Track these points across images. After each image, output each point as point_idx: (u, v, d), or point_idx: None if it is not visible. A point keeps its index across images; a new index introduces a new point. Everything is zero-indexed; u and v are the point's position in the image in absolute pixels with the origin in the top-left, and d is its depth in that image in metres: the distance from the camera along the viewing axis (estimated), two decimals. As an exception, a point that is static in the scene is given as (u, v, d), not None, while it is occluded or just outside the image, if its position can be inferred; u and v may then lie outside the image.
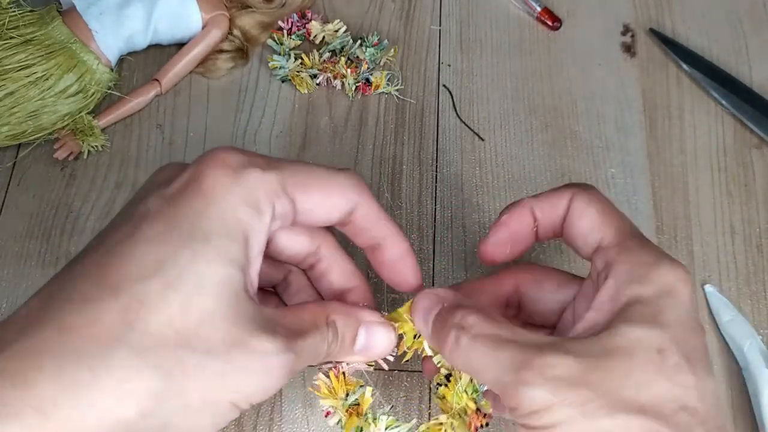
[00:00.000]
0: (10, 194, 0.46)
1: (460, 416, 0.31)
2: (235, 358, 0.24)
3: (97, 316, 0.23)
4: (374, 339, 0.30)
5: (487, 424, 0.31)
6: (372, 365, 0.33)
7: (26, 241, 0.44)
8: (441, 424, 0.32)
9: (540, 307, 0.31)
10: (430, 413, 0.39)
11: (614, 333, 0.25)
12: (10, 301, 0.42)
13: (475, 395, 0.31)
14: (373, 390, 0.33)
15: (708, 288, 0.42)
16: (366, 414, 0.33)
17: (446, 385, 0.32)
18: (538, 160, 0.47)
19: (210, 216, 0.25)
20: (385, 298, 0.41)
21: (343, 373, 0.33)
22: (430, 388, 0.39)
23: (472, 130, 0.48)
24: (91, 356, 0.22)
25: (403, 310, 0.31)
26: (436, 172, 0.46)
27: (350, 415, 0.33)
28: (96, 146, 0.47)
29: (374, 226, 0.30)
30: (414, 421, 0.36)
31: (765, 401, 0.38)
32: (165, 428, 0.23)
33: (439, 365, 0.32)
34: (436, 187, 0.46)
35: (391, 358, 0.32)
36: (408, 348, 0.31)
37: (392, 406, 0.38)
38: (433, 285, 0.42)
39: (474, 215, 0.45)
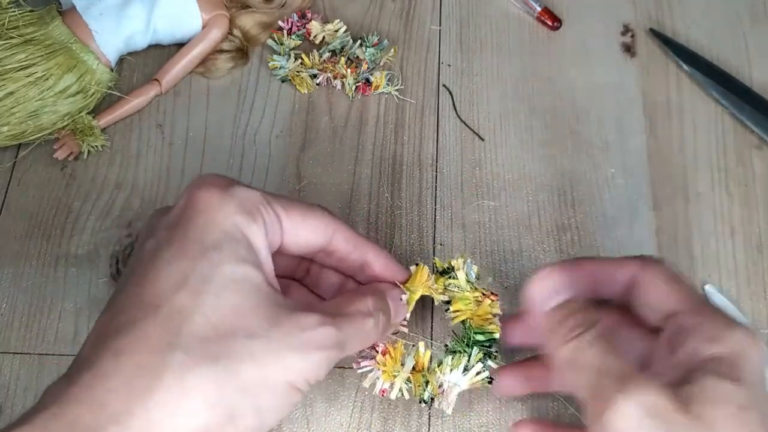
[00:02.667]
0: (10, 194, 0.46)
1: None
2: (276, 337, 0.27)
3: (145, 333, 0.26)
4: (398, 310, 0.34)
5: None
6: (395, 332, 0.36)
7: (26, 241, 0.44)
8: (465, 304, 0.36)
9: (644, 311, 0.31)
10: (444, 345, 0.39)
11: (698, 383, 0.26)
12: (10, 301, 0.42)
13: (476, 289, 0.36)
14: (425, 344, 0.36)
15: (708, 288, 0.42)
16: (426, 369, 0.36)
17: (449, 302, 0.36)
18: (538, 160, 0.47)
19: (213, 229, 0.28)
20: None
21: (387, 346, 0.36)
22: (447, 344, 0.39)
23: (472, 130, 0.48)
24: (150, 365, 0.25)
25: (416, 281, 0.35)
26: (436, 172, 0.46)
27: (413, 375, 0.36)
28: (96, 146, 0.47)
29: (356, 246, 0.33)
30: (476, 362, 0.36)
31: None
32: (233, 417, 0.26)
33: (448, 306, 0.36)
34: (436, 187, 0.46)
35: (406, 321, 0.36)
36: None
37: (445, 345, 0.38)
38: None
39: (474, 215, 0.45)
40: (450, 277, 0.36)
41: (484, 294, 0.36)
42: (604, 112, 0.48)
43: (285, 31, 0.50)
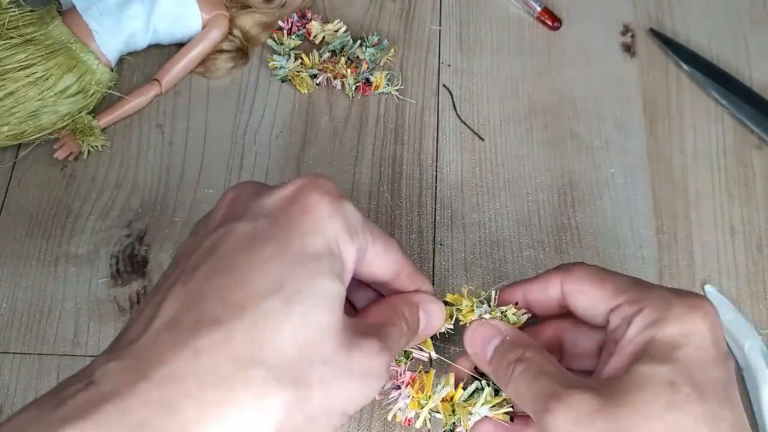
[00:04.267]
0: (10, 194, 0.46)
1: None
2: (346, 364, 0.26)
3: (229, 336, 0.24)
4: (432, 315, 0.33)
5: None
6: (427, 352, 0.36)
7: (26, 241, 0.44)
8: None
9: (578, 350, 0.33)
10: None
11: (630, 372, 0.27)
12: (10, 301, 0.42)
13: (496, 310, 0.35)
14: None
15: (708, 288, 0.42)
16: (456, 401, 0.35)
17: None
18: (538, 160, 0.47)
19: (317, 236, 0.26)
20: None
21: (416, 373, 0.35)
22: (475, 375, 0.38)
23: (472, 130, 0.48)
24: (230, 376, 0.23)
25: (456, 296, 0.35)
26: (436, 172, 0.46)
27: (443, 405, 0.35)
28: (96, 146, 0.47)
29: (414, 283, 0.33)
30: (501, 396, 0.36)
31: (765, 402, 0.38)
32: None
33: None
34: (436, 187, 0.46)
35: (443, 329, 0.35)
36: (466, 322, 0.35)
37: (478, 387, 0.36)
38: (433, 284, 0.42)
39: (474, 215, 0.45)
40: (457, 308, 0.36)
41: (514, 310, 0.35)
42: (604, 112, 0.48)
43: (285, 31, 0.50)
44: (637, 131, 0.48)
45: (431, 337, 0.36)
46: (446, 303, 0.35)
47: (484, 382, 0.35)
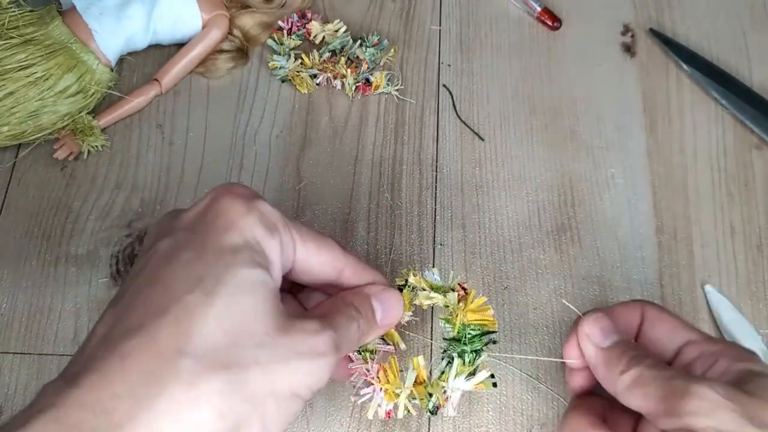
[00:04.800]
0: (10, 194, 0.46)
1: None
2: (283, 344, 0.27)
3: (153, 336, 0.25)
4: (388, 304, 0.33)
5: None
6: (392, 343, 0.36)
7: (26, 241, 0.44)
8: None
9: (653, 346, 0.34)
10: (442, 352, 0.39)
11: (753, 382, 0.28)
12: (10, 301, 0.42)
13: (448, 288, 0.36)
14: (423, 356, 0.36)
15: (708, 288, 0.42)
16: (428, 381, 0.35)
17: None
18: (538, 160, 0.47)
19: (233, 234, 0.28)
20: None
21: (383, 367, 0.35)
22: (431, 334, 0.39)
23: (472, 130, 0.48)
24: (157, 370, 0.24)
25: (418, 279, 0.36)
26: (436, 172, 0.46)
27: (416, 389, 0.35)
28: (96, 146, 0.47)
29: (361, 278, 0.33)
30: (484, 356, 0.36)
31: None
32: (238, 427, 0.25)
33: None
34: (436, 187, 0.46)
35: (407, 318, 0.35)
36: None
37: (448, 360, 0.36)
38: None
39: (474, 215, 0.45)
40: (410, 288, 0.36)
41: (462, 288, 0.36)
42: (604, 113, 0.48)
43: (285, 31, 0.50)
44: (637, 131, 0.48)
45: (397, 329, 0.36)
46: (401, 288, 0.36)
47: (454, 354, 0.35)
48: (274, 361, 0.26)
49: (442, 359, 0.36)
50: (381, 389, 0.35)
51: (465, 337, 0.35)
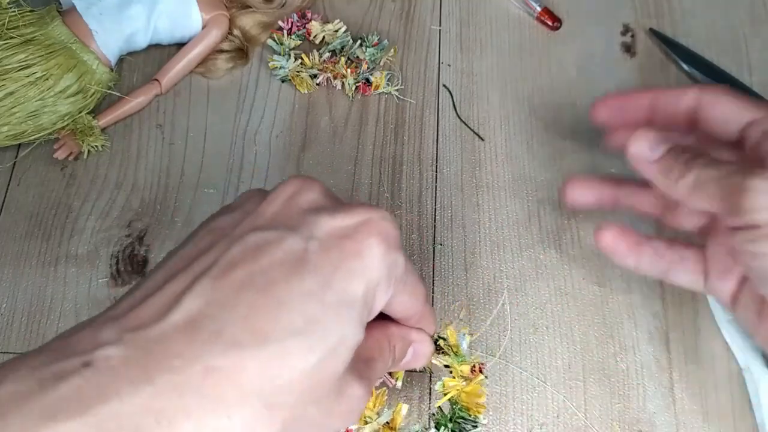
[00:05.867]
0: (10, 194, 0.46)
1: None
2: (333, 407, 0.26)
3: (243, 364, 0.23)
4: (419, 355, 0.33)
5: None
6: (394, 380, 0.37)
7: (26, 241, 0.44)
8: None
9: (716, 128, 0.33)
10: (430, 414, 0.39)
11: None
12: (10, 301, 0.42)
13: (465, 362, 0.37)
14: (409, 408, 0.37)
15: None
16: (398, 430, 0.37)
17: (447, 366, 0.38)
18: (538, 160, 0.47)
19: (360, 282, 0.26)
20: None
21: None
22: (430, 390, 0.39)
23: (472, 130, 0.48)
24: (231, 405, 0.23)
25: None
26: (436, 172, 0.46)
27: (383, 430, 0.37)
28: (96, 146, 0.47)
29: (417, 325, 0.33)
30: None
31: (765, 402, 0.38)
32: None
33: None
34: (436, 187, 0.46)
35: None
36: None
37: (425, 427, 0.38)
38: (433, 284, 0.42)
39: (474, 215, 0.45)
40: (440, 348, 0.37)
41: (473, 369, 0.37)
42: (604, 112, 0.48)
43: (285, 31, 0.50)
44: (637, 131, 0.48)
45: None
46: (436, 340, 0.37)
47: (432, 425, 0.37)
48: (318, 420, 0.25)
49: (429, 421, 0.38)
50: None
51: (453, 414, 0.36)
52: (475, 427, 0.37)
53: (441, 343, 0.37)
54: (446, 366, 0.37)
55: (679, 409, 0.39)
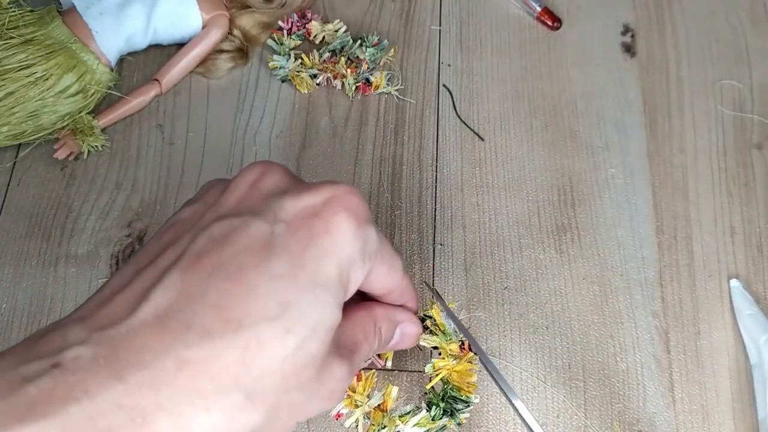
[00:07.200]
0: (10, 194, 0.46)
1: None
2: (317, 389, 0.25)
3: (217, 354, 0.22)
4: (407, 336, 0.33)
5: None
6: (383, 360, 0.37)
7: (26, 241, 0.44)
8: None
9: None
10: (422, 395, 0.39)
11: None
12: (10, 301, 0.42)
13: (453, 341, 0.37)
14: (399, 390, 0.37)
15: (733, 283, 0.42)
16: (389, 412, 0.36)
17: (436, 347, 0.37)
18: (538, 160, 0.47)
19: (332, 260, 0.25)
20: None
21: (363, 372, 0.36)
22: (427, 392, 0.39)
23: (472, 130, 0.48)
24: (209, 396, 0.22)
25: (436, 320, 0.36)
26: (436, 172, 0.46)
27: (374, 413, 0.36)
28: (96, 146, 0.47)
29: (400, 300, 0.33)
30: (444, 419, 0.36)
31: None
32: None
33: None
34: (436, 187, 0.46)
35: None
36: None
37: (417, 406, 0.38)
38: (433, 284, 0.42)
39: (474, 215, 0.45)
40: (426, 328, 0.36)
41: (462, 347, 0.36)
42: (604, 112, 0.48)
43: (285, 31, 0.50)
44: (637, 131, 0.48)
45: None
46: (423, 319, 0.36)
47: (424, 405, 0.37)
48: (303, 403, 0.25)
49: (420, 405, 0.37)
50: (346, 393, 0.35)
51: (445, 393, 0.36)
52: (468, 406, 0.36)
53: (428, 323, 0.36)
54: (435, 348, 0.36)
55: (679, 409, 0.39)
